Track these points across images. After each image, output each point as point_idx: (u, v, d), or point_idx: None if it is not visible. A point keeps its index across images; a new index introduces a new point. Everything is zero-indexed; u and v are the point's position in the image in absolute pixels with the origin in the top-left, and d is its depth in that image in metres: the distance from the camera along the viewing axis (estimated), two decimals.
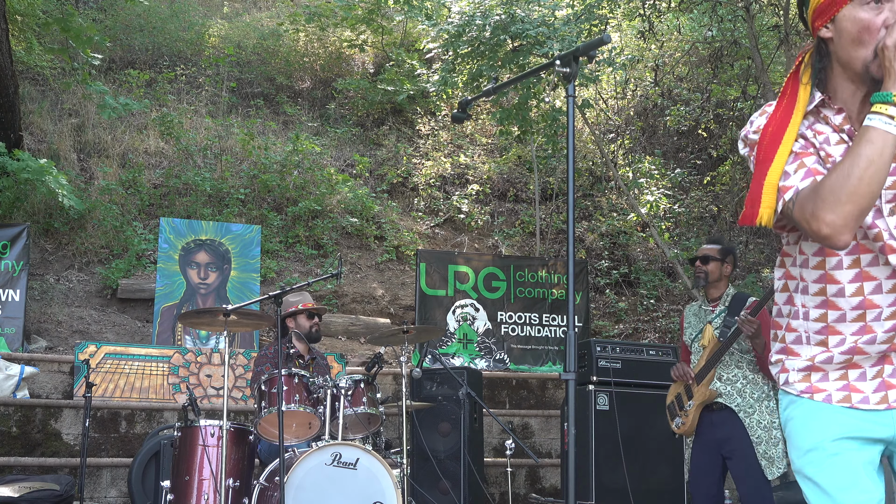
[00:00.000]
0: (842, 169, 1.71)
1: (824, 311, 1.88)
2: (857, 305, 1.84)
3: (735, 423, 4.20)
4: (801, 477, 1.90)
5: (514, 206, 10.77)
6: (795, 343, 1.94)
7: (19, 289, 7.18)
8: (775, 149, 1.83)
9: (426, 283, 8.04)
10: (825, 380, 1.89)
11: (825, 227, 1.70)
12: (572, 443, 2.29)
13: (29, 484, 5.05)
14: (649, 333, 9.29)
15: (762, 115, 1.91)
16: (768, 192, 1.80)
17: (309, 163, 9.90)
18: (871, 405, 1.84)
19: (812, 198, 1.73)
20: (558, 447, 6.84)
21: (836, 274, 1.85)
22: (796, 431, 1.93)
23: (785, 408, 1.98)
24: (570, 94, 2.47)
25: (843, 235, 1.71)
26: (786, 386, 1.96)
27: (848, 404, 1.85)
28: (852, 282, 1.84)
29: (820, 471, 1.85)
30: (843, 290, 1.85)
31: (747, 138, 1.93)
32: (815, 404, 1.88)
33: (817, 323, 1.89)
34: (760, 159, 1.84)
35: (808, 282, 1.90)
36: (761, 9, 9.95)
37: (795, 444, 1.93)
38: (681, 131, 11.54)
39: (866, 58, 1.79)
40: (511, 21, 8.11)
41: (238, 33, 12.54)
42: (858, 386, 1.86)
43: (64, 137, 9.40)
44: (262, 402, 4.53)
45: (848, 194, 1.69)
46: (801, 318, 1.92)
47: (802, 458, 1.90)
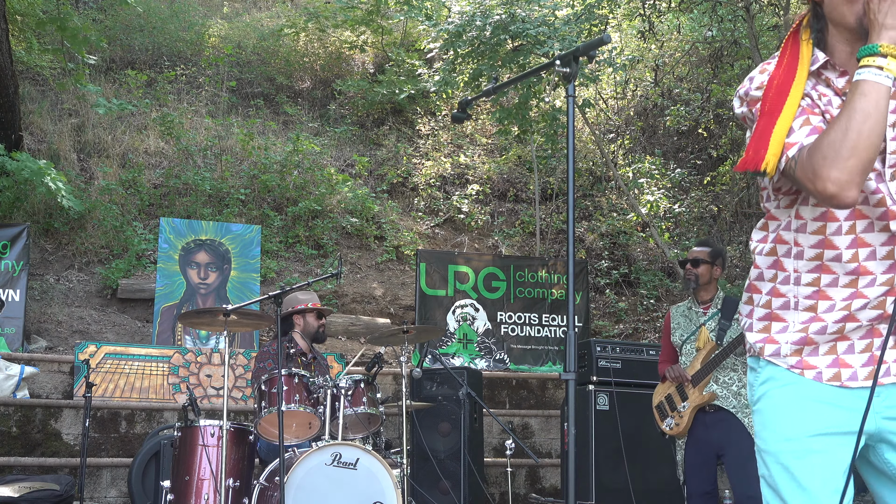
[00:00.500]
0: (839, 124, 1.69)
1: (818, 276, 1.85)
2: (852, 271, 1.82)
3: (733, 424, 4.19)
4: (774, 462, 1.85)
5: (514, 206, 10.77)
6: (782, 308, 1.90)
7: (19, 289, 7.18)
8: (782, 101, 1.79)
9: (426, 283, 8.05)
10: (815, 354, 1.86)
11: (831, 184, 1.67)
12: (572, 443, 2.29)
13: (29, 484, 5.05)
14: (649, 333, 9.29)
15: (763, 72, 1.88)
16: (776, 142, 1.76)
17: (309, 163, 9.90)
18: (860, 381, 1.82)
19: (813, 156, 1.70)
20: (558, 447, 6.84)
21: (836, 239, 1.83)
22: (778, 412, 1.87)
23: (764, 380, 1.91)
24: (570, 94, 2.47)
25: (849, 191, 1.67)
26: (774, 357, 1.90)
27: (838, 382, 1.82)
28: (849, 248, 1.82)
29: (801, 464, 1.82)
30: (840, 256, 1.83)
31: (748, 95, 1.88)
32: (804, 385, 1.84)
33: (808, 287, 1.86)
34: (766, 111, 1.80)
35: (803, 247, 1.86)
36: (761, 9, 9.95)
37: (774, 425, 1.87)
38: (681, 131, 11.54)
39: (858, 12, 1.78)
40: (511, 21, 8.11)
41: (238, 33, 12.54)
42: (847, 360, 1.84)
43: (64, 137, 9.40)
44: (262, 401, 4.53)
45: (849, 148, 1.66)
46: (791, 282, 1.88)
47: (781, 443, 1.85)
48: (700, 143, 11.43)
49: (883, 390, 1.82)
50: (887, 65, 1.70)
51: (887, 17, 1.72)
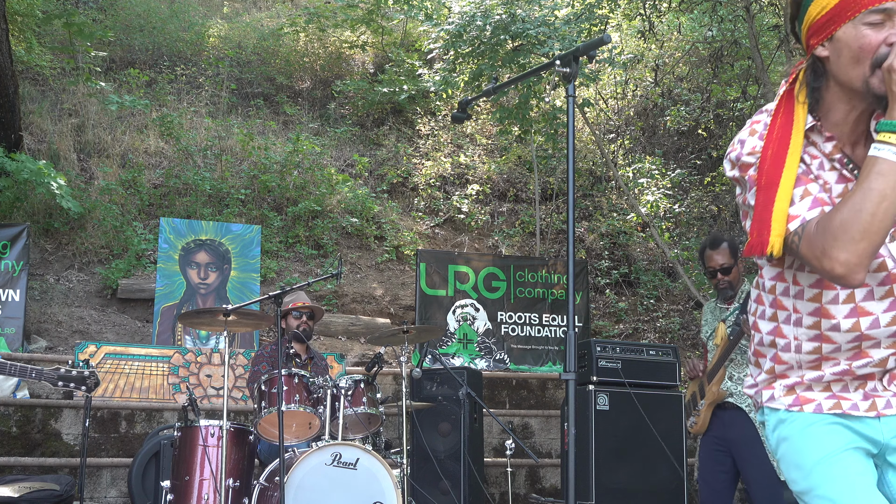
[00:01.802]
0: (852, 204, 1.60)
1: (818, 345, 1.79)
2: (854, 339, 1.76)
3: (745, 423, 4.13)
4: (813, 497, 1.77)
5: (514, 206, 10.77)
6: (787, 370, 1.86)
7: (19, 289, 7.18)
8: (779, 172, 1.71)
9: (426, 283, 8.05)
10: (810, 391, 1.82)
11: (839, 266, 1.61)
12: (572, 443, 2.29)
13: (29, 484, 5.05)
14: (649, 333, 9.29)
15: (753, 134, 1.80)
16: (778, 220, 1.68)
17: (309, 163, 9.90)
18: (861, 412, 1.78)
19: (822, 235, 1.63)
20: (558, 447, 6.84)
21: (832, 309, 1.76)
22: (795, 449, 1.81)
23: (774, 428, 1.86)
24: (570, 94, 2.47)
25: (858, 274, 1.62)
26: (770, 402, 1.86)
27: (839, 411, 1.78)
28: (848, 317, 1.75)
29: (834, 481, 1.74)
30: (838, 326, 1.76)
31: (739, 160, 1.80)
32: (808, 416, 1.80)
33: (811, 355, 1.81)
34: (763, 184, 1.72)
35: (802, 314, 1.80)
36: (761, 9, 9.95)
37: (797, 462, 1.80)
38: (681, 131, 11.54)
39: (866, 74, 1.68)
40: (511, 21, 8.11)
41: (238, 33, 12.53)
42: (845, 395, 1.80)
43: (64, 137, 9.40)
44: (261, 402, 4.53)
45: (861, 231, 1.59)
46: (792, 350, 1.83)
47: (811, 475, 1.77)
48: (700, 143, 11.43)
49: (887, 420, 1.79)
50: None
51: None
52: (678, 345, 8.41)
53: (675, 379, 5.77)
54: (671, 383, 5.74)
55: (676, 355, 5.85)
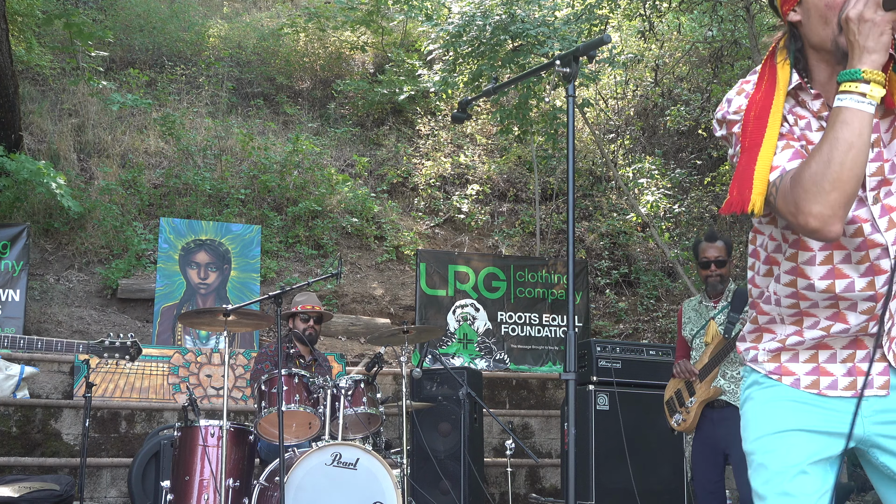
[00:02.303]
0: (821, 155, 1.61)
1: (796, 301, 1.82)
2: (829, 299, 1.78)
3: (738, 420, 4.16)
4: (753, 460, 1.87)
5: (514, 206, 10.77)
6: (769, 323, 1.90)
7: (19, 289, 7.18)
8: (762, 132, 1.72)
9: (426, 283, 8.05)
10: (794, 360, 1.85)
11: (812, 219, 1.61)
12: (572, 443, 2.29)
13: (29, 484, 5.05)
14: (649, 333, 9.29)
15: (740, 93, 1.81)
16: (760, 178, 1.68)
17: (309, 163, 9.90)
18: (839, 390, 1.80)
19: (794, 189, 1.63)
20: (558, 447, 6.84)
21: (807, 269, 1.77)
22: (754, 414, 1.89)
23: (748, 385, 1.93)
24: (570, 94, 2.47)
25: (833, 226, 1.61)
26: (753, 363, 1.91)
27: (815, 390, 1.81)
28: (823, 278, 1.76)
29: (768, 455, 1.83)
30: (812, 286, 1.78)
31: (725, 118, 1.82)
32: (781, 390, 1.85)
33: (790, 309, 1.84)
34: (747, 145, 1.74)
35: (780, 271, 1.83)
36: (761, 9, 9.94)
37: (751, 426, 1.90)
38: (681, 131, 11.54)
39: (834, 33, 1.69)
40: (511, 21, 8.11)
41: (238, 33, 12.53)
42: (828, 368, 1.82)
43: (64, 137, 9.40)
44: (262, 401, 4.53)
45: (832, 181, 1.58)
46: (772, 303, 1.87)
47: (754, 442, 1.87)
48: (700, 143, 11.43)
49: (865, 401, 1.80)
50: (870, 91, 1.60)
51: (868, 40, 1.61)
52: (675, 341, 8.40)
53: None
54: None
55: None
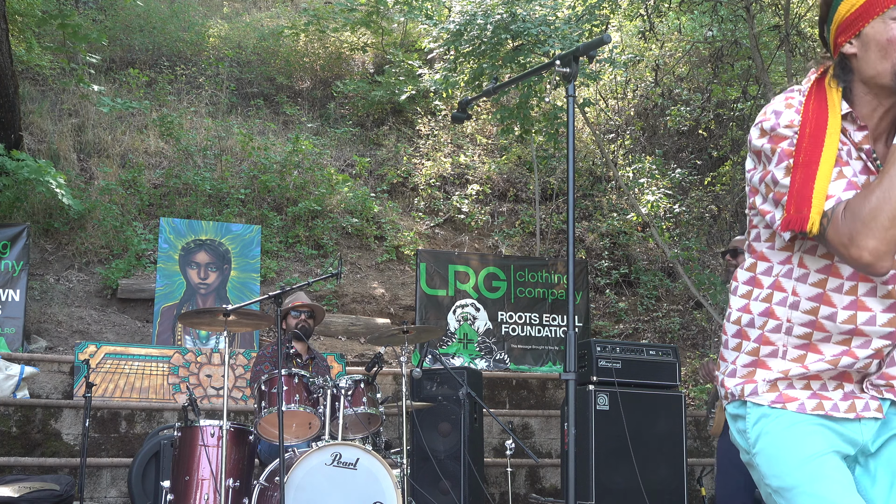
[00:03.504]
0: (882, 191, 1.60)
1: (810, 331, 1.79)
2: (846, 332, 1.76)
3: None
4: (798, 493, 1.76)
5: (514, 206, 10.77)
6: (770, 357, 1.84)
7: (19, 289, 7.17)
8: (818, 150, 1.69)
9: (426, 283, 8.04)
10: (792, 388, 1.81)
11: (867, 254, 1.59)
12: (572, 443, 2.29)
13: (29, 484, 5.05)
14: (649, 333, 9.29)
15: (790, 108, 1.78)
16: (818, 197, 1.66)
17: (309, 163, 9.90)
18: (842, 413, 1.78)
19: (850, 221, 1.62)
20: (558, 447, 6.84)
21: (834, 297, 1.76)
22: (779, 445, 1.80)
23: (756, 422, 1.83)
24: (570, 94, 2.47)
25: (885, 262, 1.60)
26: (753, 397, 1.83)
27: (822, 412, 1.78)
28: (846, 308, 1.75)
29: (823, 480, 1.74)
30: (835, 315, 1.76)
31: (774, 131, 1.77)
32: (791, 415, 1.79)
33: (800, 340, 1.80)
34: (801, 161, 1.70)
35: (800, 297, 1.79)
36: (762, 9, 9.95)
37: (780, 459, 1.79)
38: (681, 131, 11.54)
39: (894, 66, 1.70)
40: (512, 20, 8.11)
41: (238, 33, 12.53)
42: (825, 394, 1.80)
43: (64, 137, 9.40)
44: (262, 402, 4.53)
45: (891, 219, 1.58)
46: (782, 332, 1.81)
47: (796, 472, 1.76)
48: (700, 143, 11.43)
49: (866, 423, 1.80)
50: None
51: None
52: (678, 345, 8.41)
53: (675, 379, 5.77)
54: (671, 383, 5.74)
55: (676, 355, 5.85)
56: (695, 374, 8.83)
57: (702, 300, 8.77)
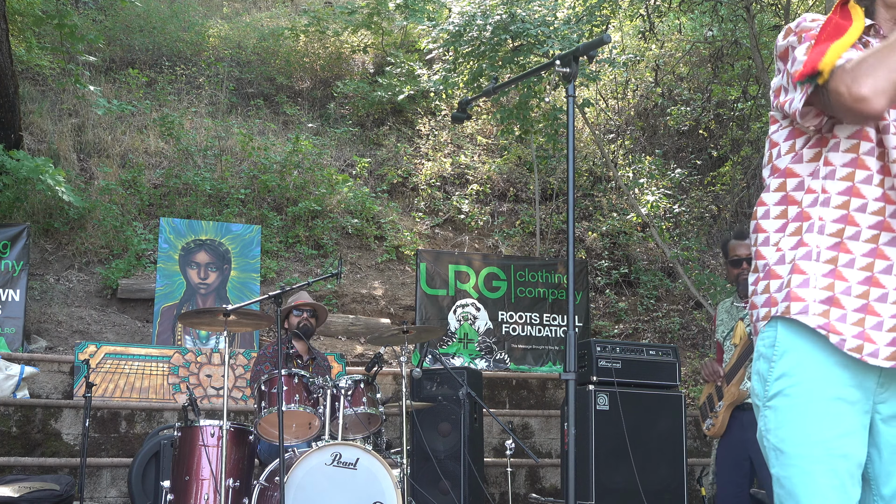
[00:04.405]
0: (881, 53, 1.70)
1: (842, 227, 1.83)
2: (875, 225, 1.82)
3: None
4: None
5: (514, 206, 10.77)
6: (804, 259, 1.86)
7: (19, 289, 7.17)
8: (845, 29, 1.80)
9: (426, 283, 8.04)
10: (843, 321, 1.81)
11: (866, 88, 1.67)
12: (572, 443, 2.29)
13: (29, 484, 5.05)
14: (649, 333, 9.29)
15: (815, 20, 1.88)
16: (833, 53, 1.75)
17: (309, 163, 9.90)
18: (879, 360, 1.79)
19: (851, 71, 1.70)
20: (558, 447, 6.84)
21: (864, 188, 1.82)
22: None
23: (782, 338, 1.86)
24: (570, 94, 2.47)
25: (880, 99, 1.67)
26: (801, 315, 1.83)
27: (858, 355, 1.79)
28: (877, 200, 1.82)
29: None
30: (865, 206, 1.82)
31: (799, 26, 1.88)
32: (828, 352, 1.80)
33: (832, 238, 1.84)
34: (825, 36, 1.80)
35: (830, 194, 1.85)
36: (762, 9, 9.95)
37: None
38: (681, 131, 11.54)
39: None
40: (511, 20, 8.11)
41: (238, 33, 12.53)
42: (872, 335, 1.80)
43: (64, 137, 9.40)
44: (261, 402, 4.53)
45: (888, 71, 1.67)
46: (815, 231, 1.85)
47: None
48: (700, 143, 11.43)
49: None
50: None
51: None
52: (678, 345, 8.41)
53: (676, 379, 5.77)
54: (671, 383, 5.74)
55: (676, 355, 5.85)
56: (695, 374, 8.83)
57: (702, 300, 8.77)
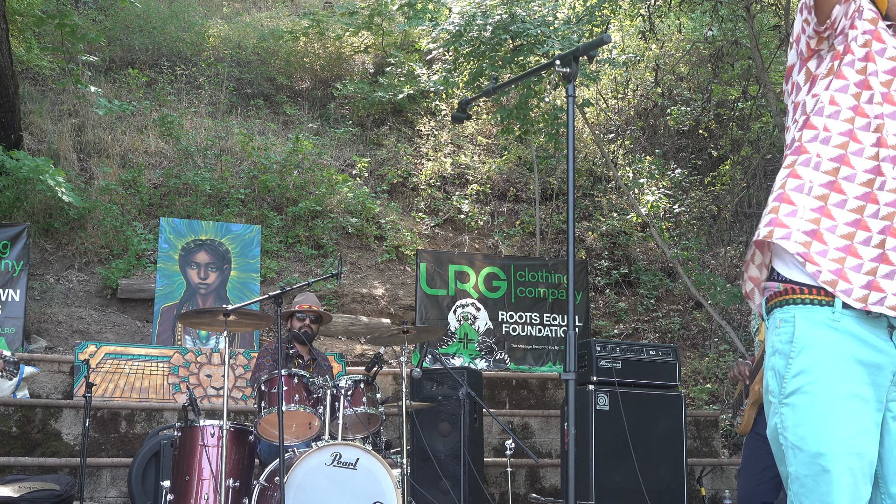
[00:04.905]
0: None
1: (837, 167, 1.87)
2: (871, 169, 1.84)
3: None
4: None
5: (514, 206, 10.77)
6: (796, 190, 1.89)
7: (19, 289, 7.17)
8: None
9: (426, 282, 8.04)
10: (857, 271, 1.83)
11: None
12: (572, 443, 2.29)
13: (29, 484, 5.05)
14: (649, 333, 9.29)
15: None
16: None
17: (309, 163, 9.90)
18: (885, 307, 1.80)
19: None
20: (558, 447, 6.84)
21: (867, 107, 1.88)
22: (812, 356, 1.84)
23: (801, 334, 1.86)
24: (570, 94, 2.47)
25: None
26: (783, 241, 1.87)
27: (862, 305, 1.80)
28: (874, 145, 1.86)
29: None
30: (862, 151, 1.85)
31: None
32: (842, 345, 1.81)
33: (826, 176, 1.87)
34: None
35: (832, 133, 1.89)
36: (762, 9, 9.95)
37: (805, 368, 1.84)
38: (681, 131, 11.54)
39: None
40: (511, 20, 8.11)
41: (238, 33, 12.53)
42: (883, 284, 1.81)
43: (64, 137, 9.40)
44: (262, 402, 4.53)
45: None
46: (811, 166, 1.89)
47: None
48: (700, 143, 11.43)
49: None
50: None
51: None
52: (678, 345, 8.41)
53: (675, 379, 5.77)
54: (671, 383, 5.74)
55: (676, 355, 5.85)
56: (695, 374, 8.83)
57: (702, 300, 8.77)
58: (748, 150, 10.39)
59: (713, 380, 8.75)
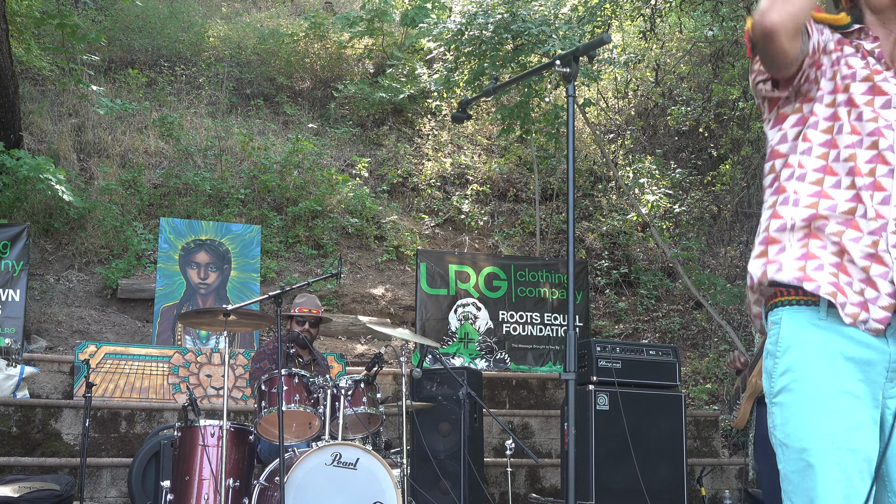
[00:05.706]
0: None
1: (816, 201, 1.86)
2: (851, 198, 1.84)
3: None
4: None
5: (514, 206, 10.77)
6: (779, 230, 1.89)
7: (19, 289, 7.17)
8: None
9: (426, 282, 8.04)
10: (850, 287, 1.82)
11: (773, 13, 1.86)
12: (572, 443, 2.29)
13: (29, 484, 5.05)
14: (649, 333, 9.29)
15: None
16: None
17: (309, 163, 9.90)
18: (871, 323, 1.80)
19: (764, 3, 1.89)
20: (558, 447, 6.84)
21: (839, 139, 1.88)
22: (796, 355, 1.85)
23: (785, 334, 1.87)
24: (571, 94, 2.47)
25: (772, 14, 1.86)
26: (778, 274, 1.87)
27: (851, 321, 1.80)
28: (848, 174, 1.85)
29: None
30: (838, 156, 1.86)
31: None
32: (829, 343, 1.82)
33: (807, 210, 1.87)
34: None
35: (806, 169, 1.89)
36: None
37: (790, 367, 1.85)
38: (681, 131, 11.54)
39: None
40: (512, 20, 8.11)
41: (238, 34, 12.53)
42: (871, 308, 1.81)
43: (64, 137, 9.40)
44: (262, 401, 4.53)
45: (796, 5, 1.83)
46: (790, 204, 1.89)
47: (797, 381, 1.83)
48: (700, 143, 11.43)
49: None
50: None
51: None
52: (678, 345, 8.41)
53: (675, 379, 5.77)
54: (671, 383, 5.74)
55: (676, 355, 5.85)
56: (695, 374, 8.83)
57: (702, 300, 8.77)
58: (748, 149, 10.38)
59: (713, 380, 8.76)
